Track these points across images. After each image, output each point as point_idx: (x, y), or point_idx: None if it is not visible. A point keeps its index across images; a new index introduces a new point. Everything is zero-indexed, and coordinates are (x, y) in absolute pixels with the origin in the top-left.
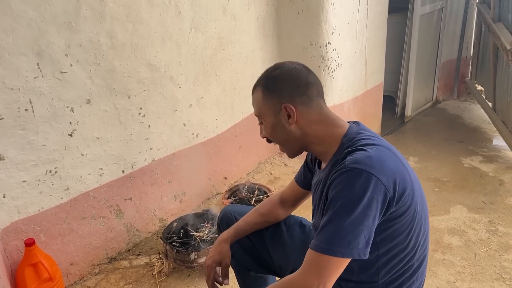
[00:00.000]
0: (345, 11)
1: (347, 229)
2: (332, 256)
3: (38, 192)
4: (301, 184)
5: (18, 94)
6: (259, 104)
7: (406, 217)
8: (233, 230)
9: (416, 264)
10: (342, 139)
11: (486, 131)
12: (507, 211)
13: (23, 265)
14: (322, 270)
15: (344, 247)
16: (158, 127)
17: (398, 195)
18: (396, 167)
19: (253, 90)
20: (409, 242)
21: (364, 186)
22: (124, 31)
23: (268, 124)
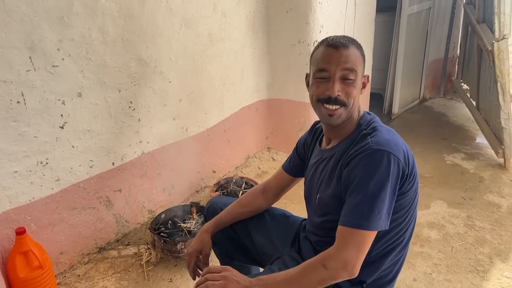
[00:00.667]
0: (333, 10)
1: (378, 205)
2: (368, 231)
3: (29, 182)
4: (289, 171)
5: (10, 87)
6: (358, 61)
7: (410, 193)
8: (214, 221)
9: (406, 239)
10: (360, 121)
11: (469, 129)
12: (484, 206)
13: (14, 253)
14: (360, 243)
15: (376, 220)
16: (148, 121)
17: (409, 172)
18: (406, 148)
19: (345, 45)
20: (405, 217)
21: (388, 166)
22: (116, 27)
23: (357, 82)
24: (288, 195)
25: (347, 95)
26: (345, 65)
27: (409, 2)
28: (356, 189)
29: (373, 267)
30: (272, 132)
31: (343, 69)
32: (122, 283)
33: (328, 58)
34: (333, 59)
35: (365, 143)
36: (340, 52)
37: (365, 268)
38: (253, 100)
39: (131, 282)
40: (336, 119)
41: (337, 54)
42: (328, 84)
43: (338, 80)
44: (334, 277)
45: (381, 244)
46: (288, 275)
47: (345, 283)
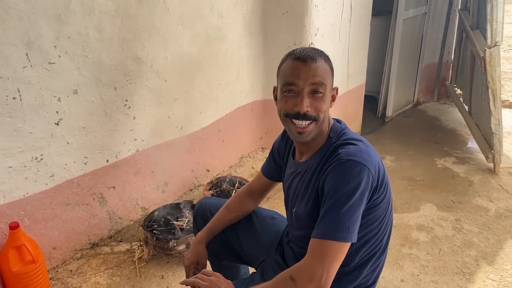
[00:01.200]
0: (329, 13)
1: (346, 215)
2: (334, 241)
3: (23, 178)
4: (267, 175)
5: (6, 83)
6: (327, 74)
7: (382, 205)
8: (206, 231)
9: (383, 246)
10: (329, 133)
11: (462, 133)
12: (473, 210)
13: (7, 247)
14: (325, 255)
15: (344, 231)
16: (143, 119)
17: (379, 184)
18: (377, 159)
19: (313, 58)
20: (380, 228)
21: (359, 176)
22: (113, 25)
23: (327, 96)
24: (281, 195)
25: (317, 110)
26: (313, 79)
27: (405, 6)
28: (326, 199)
29: (351, 277)
30: (266, 132)
31: (312, 83)
32: (114, 279)
33: (296, 72)
34: (301, 73)
35: (335, 155)
36: (308, 66)
37: (342, 279)
38: (248, 101)
39: (123, 278)
40: (306, 136)
41: (305, 68)
42: (296, 99)
43: (307, 95)
44: None
45: (358, 256)
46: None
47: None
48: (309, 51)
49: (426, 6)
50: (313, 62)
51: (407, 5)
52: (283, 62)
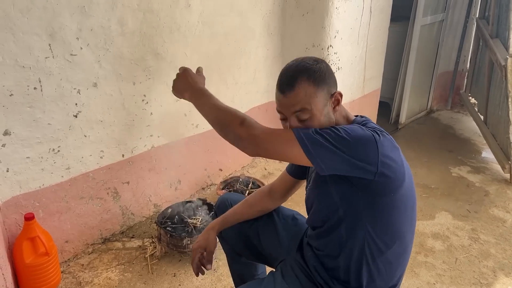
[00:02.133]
0: (349, 16)
1: (328, 144)
2: (298, 144)
3: (40, 169)
4: (291, 173)
5: (28, 73)
6: (309, 96)
7: (393, 196)
8: (221, 219)
9: (402, 248)
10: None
11: (476, 143)
12: (489, 220)
13: (21, 238)
14: (280, 138)
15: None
16: (160, 115)
17: (385, 170)
18: (399, 157)
19: (291, 86)
20: (395, 224)
21: (363, 134)
22: (135, 19)
23: (315, 114)
24: (294, 198)
25: (319, 124)
26: (294, 108)
27: (423, 13)
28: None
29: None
30: None
31: (294, 112)
32: (125, 275)
33: (279, 103)
34: (282, 104)
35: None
36: (287, 97)
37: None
38: (263, 101)
39: (135, 274)
40: None
41: (284, 100)
42: (286, 124)
43: (293, 120)
44: (238, 135)
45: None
46: (221, 108)
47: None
48: (289, 77)
49: (444, 13)
50: (291, 91)
51: (425, 12)
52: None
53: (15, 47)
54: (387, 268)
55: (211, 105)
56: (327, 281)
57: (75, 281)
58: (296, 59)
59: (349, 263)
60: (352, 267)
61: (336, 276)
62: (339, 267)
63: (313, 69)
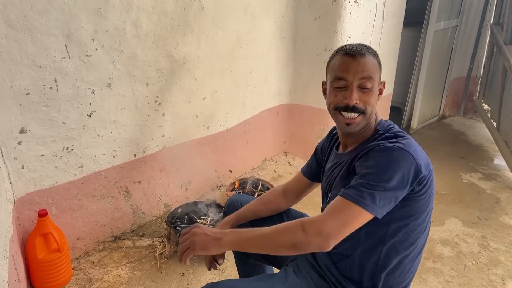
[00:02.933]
0: (361, 21)
1: (381, 190)
2: (362, 208)
3: (54, 167)
4: (307, 175)
5: (45, 73)
6: (374, 69)
7: (422, 200)
8: (235, 215)
9: (416, 248)
10: (377, 127)
11: (488, 150)
12: (500, 228)
13: (35, 234)
14: (347, 218)
15: (374, 203)
16: (172, 116)
17: (423, 177)
18: (423, 155)
19: (361, 53)
20: (416, 224)
21: (402, 159)
22: (149, 22)
23: (375, 90)
24: (303, 200)
25: (365, 103)
26: (362, 74)
27: (437, 18)
28: (365, 172)
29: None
30: (290, 137)
31: (361, 78)
32: (135, 273)
33: (345, 67)
34: (350, 68)
35: (381, 141)
36: (357, 60)
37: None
38: (274, 104)
39: (144, 272)
40: (355, 127)
41: (354, 63)
42: (346, 93)
43: (356, 89)
44: (309, 242)
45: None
46: (265, 231)
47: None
48: (358, 47)
49: (457, 19)
50: (361, 57)
51: (439, 17)
52: (333, 57)
53: (32, 47)
54: (401, 271)
55: (252, 238)
56: (339, 280)
57: (86, 277)
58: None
59: (364, 263)
60: (367, 268)
61: (349, 275)
62: (353, 267)
63: (376, 52)
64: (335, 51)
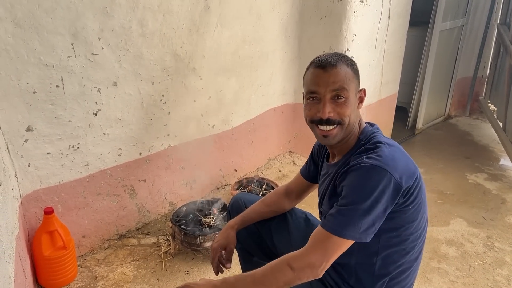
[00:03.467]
0: (367, 20)
1: (360, 216)
2: (342, 238)
3: (60, 165)
4: (305, 176)
5: (51, 71)
6: (348, 79)
7: (410, 210)
8: (240, 218)
9: (413, 255)
10: (359, 136)
11: (494, 150)
12: (505, 228)
13: (41, 232)
14: (328, 249)
15: (354, 231)
16: (177, 115)
17: (407, 189)
18: (406, 163)
19: (333, 64)
20: (408, 234)
21: (378, 179)
22: (155, 21)
23: (350, 100)
24: (308, 200)
25: (340, 115)
26: (334, 86)
27: (443, 18)
28: (343, 198)
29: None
30: (295, 136)
31: (332, 90)
32: (140, 271)
33: (317, 80)
34: (321, 80)
35: (360, 159)
36: (328, 72)
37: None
38: (279, 104)
39: (149, 270)
40: (332, 139)
41: (325, 75)
42: (319, 105)
43: (328, 101)
44: (299, 277)
45: (383, 262)
46: (256, 276)
47: None
48: (329, 58)
49: (464, 19)
50: (332, 68)
51: (445, 17)
52: (307, 70)
53: (39, 46)
54: (400, 277)
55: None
56: (338, 283)
57: (91, 275)
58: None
59: (360, 272)
60: (364, 276)
61: (347, 279)
62: (350, 274)
63: (351, 60)
64: (309, 64)
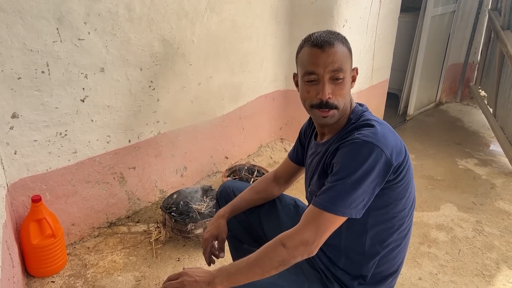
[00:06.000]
0: (358, 5)
1: (350, 191)
2: (333, 214)
3: (47, 152)
4: (294, 160)
5: (36, 56)
6: (345, 58)
7: (399, 187)
8: (230, 207)
9: (402, 232)
10: (350, 115)
11: (484, 136)
12: (495, 213)
13: (28, 220)
14: (320, 225)
15: (345, 207)
16: (167, 101)
17: (397, 166)
18: (396, 141)
19: (330, 43)
20: (397, 210)
21: (368, 154)
22: (142, 5)
23: (347, 81)
24: (297, 186)
25: (337, 96)
26: (333, 66)
27: (434, 3)
28: (334, 175)
29: (370, 258)
30: (286, 123)
31: (332, 70)
32: (130, 259)
33: (315, 60)
34: (320, 60)
35: (351, 136)
36: (326, 52)
37: (362, 261)
38: (270, 90)
39: (139, 258)
40: (330, 119)
41: (323, 55)
42: (318, 87)
43: (327, 82)
44: (293, 256)
45: (373, 237)
46: (250, 259)
47: (346, 277)
48: (325, 36)
49: (455, 4)
50: (330, 47)
51: (437, 2)
52: (301, 48)
53: (23, 30)
54: (389, 256)
55: (241, 270)
56: (328, 266)
57: (81, 263)
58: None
59: (350, 252)
60: (354, 256)
61: (336, 262)
62: (339, 255)
63: (345, 38)
64: (302, 41)
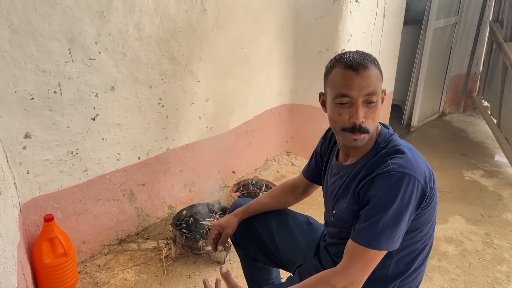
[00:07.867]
0: (362, 20)
1: (392, 226)
2: (379, 251)
3: (59, 171)
4: (308, 177)
5: (49, 77)
6: (378, 81)
7: (428, 211)
8: (244, 208)
9: (424, 252)
10: (377, 139)
11: (489, 147)
12: (503, 225)
13: (41, 239)
14: (368, 263)
15: (389, 242)
16: (175, 118)
17: (430, 192)
18: (425, 166)
19: (365, 66)
20: (423, 234)
21: (406, 186)
22: (151, 24)
23: (379, 104)
24: (307, 200)
25: (370, 120)
26: (367, 89)
27: (436, 16)
28: (374, 209)
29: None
30: (292, 137)
31: (366, 94)
32: (141, 276)
33: (349, 83)
34: (354, 83)
35: (385, 165)
36: (361, 75)
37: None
38: (276, 104)
39: (150, 275)
40: (360, 142)
41: (358, 78)
42: (351, 110)
43: (361, 105)
44: None
45: (398, 262)
46: None
47: None
48: (359, 58)
49: (457, 16)
50: (365, 70)
51: (438, 15)
52: (332, 68)
53: (36, 52)
54: (410, 275)
55: None
56: None
57: (92, 281)
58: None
59: (374, 272)
60: (377, 277)
61: None
62: None
63: (376, 59)
64: (333, 61)
